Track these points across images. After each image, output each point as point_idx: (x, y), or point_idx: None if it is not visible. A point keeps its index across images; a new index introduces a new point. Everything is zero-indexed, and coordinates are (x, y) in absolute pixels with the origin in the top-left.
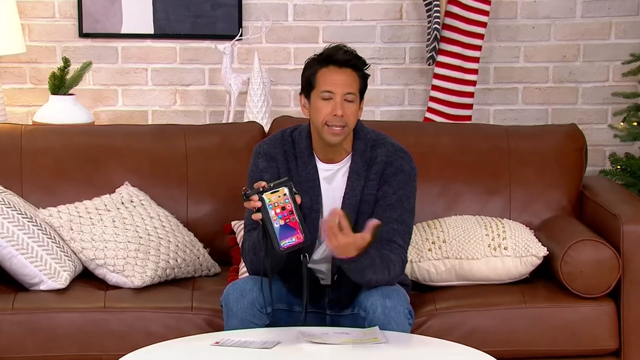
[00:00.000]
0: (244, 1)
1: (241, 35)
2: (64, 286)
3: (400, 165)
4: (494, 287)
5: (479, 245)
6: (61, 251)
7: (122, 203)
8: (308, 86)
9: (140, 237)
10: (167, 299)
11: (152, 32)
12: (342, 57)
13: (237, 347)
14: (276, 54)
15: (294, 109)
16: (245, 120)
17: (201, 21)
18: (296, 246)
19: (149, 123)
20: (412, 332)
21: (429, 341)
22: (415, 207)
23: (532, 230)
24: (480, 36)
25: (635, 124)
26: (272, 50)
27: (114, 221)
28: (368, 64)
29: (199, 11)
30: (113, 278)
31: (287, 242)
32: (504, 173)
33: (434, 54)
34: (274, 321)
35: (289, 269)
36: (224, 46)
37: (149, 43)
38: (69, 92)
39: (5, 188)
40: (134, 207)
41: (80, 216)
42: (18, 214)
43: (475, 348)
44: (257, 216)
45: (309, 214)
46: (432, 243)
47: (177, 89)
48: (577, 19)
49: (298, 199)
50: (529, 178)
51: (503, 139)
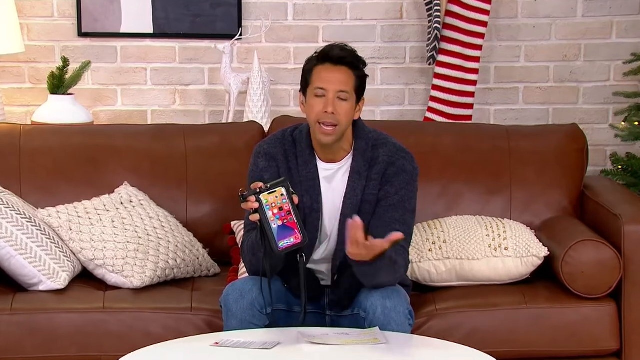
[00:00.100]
0: (243, 0)
1: (241, 35)
2: (63, 287)
3: (402, 165)
4: (495, 287)
5: (479, 246)
6: (60, 251)
7: (122, 203)
8: (305, 83)
9: (140, 238)
10: (166, 299)
11: (151, 31)
12: (338, 55)
13: (237, 347)
14: (276, 53)
15: (293, 108)
16: (245, 120)
17: (201, 20)
18: (294, 246)
19: (149, 123)
20: (413, 332)
21: (429, 342)
22: (416, 207)
23: (533, 231)
24: (481, 35)
25: (636, 123)
26: (272, 49)
27: (113, 221)
28: (366, 63)
29: (198, 10)
30: (112, 278)
31: (285, 243)
32: (504, 173)
33: (435, 54)
34: (274, 322)
35: (288, 269)
36: (223, 46)
37: (148, 42)
38: (68, 92)
39: (4, 188)
40: (133, 207)
41: (79, 216)
42: (17, 214)
43: (475, 349)
44: (254, 217)
45: (309, 214)
46: (432, 243)
47: (176, 88)
48: (578, 19)
49: (295, 199)
50: (530, 178)
51: (504, 139)
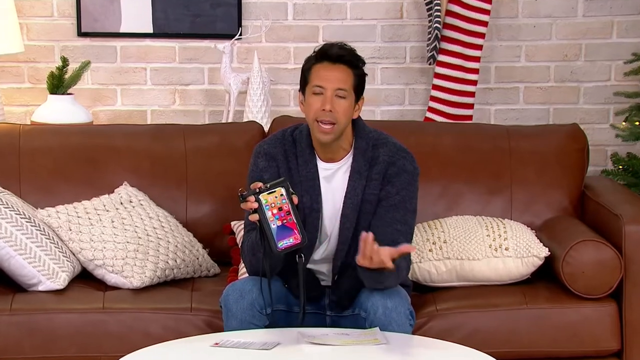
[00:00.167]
0: (243, 0)
1: (241, 35)
2: (62, 287)
3: (403, 165)
4: (495, 287)
5: (480, 246)
6: (60, 252)
7: (121, 203)
8: (304, 82)
9: (139, 238)
10: (166, 299)
11: (151, 31)
12: (336, 53)
13: (237, 348)
14: (276, 53)
15: (293, 108)
16: (245, 120)
17: (200, 20)
18: (294, 247)
19: (148, 123)
20: (413, 333)
21: (429, 342)
22: (417, 207)
23: (534, 231)
24: (482, 35)
25: (637, 123)
26: (271, 49)
27: (112, 221)
28: (365, 62)
29: (198, 10)
30: (112, 279)
31: (284, 243)
32: (505, 173)
33: (435, 53)
34: (274, 322)
35: (288, 269)
36: (223, 45)
37: (148, 42)
38: (68, 92)
39: (4, 188)
40: (133, 207)
41: (78, 216)
42: (16, 214)
43: (476, 349)
44: (254, 217)
45: (308, 214)
46: (432, 244)
47: (176, 88)
48: (579, 18)
49: (295, 199)
50: (530, 178)
51: (504, 139)
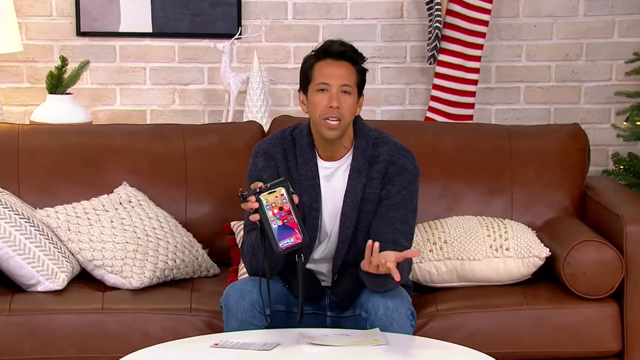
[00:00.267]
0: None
1: (240, 34)
2: (61, 287)
3: (403, 164)
4: (496, 288)
5: (480, 246)
6: (59, 252)
7: (121, 203)
8: (305, 81)
9: (139, 238)
10: (165, 300)
11: (150, 30)
12: (338, 49)
13: (237, 348)
14: (276, 52)
15: (293, 108)
16: (245, 119)
17: (200, 20)
18: (295, 246)
19: (148, 122)
20: (414, 333)
21: (430, 343)
22: (417, 207)
23: (534, 231)
24: (482, 35)
25: (638, 123)
26: (271, 49)
27: (112, 222)
28: (365, 57)
29: (197, 10)
30: (111, 279)
31: (285, 243)
32: (505, 173)
33: (435, 53)
34: (274, 323)
35: (289, 270)
36: (223, 45)
37: (147, 42)
38: (67, 92)
39: (2, 188)
40: (132, 207)
41: (78, 217)
42: (15, 214)
43: (477, 350)
44: (254, 217)
45: (308, 213)
46: (433, 244)
47: (175, 88)
48: (580, 18)
49: (295, 198)
50: (531, 178)
51: (505, 139)
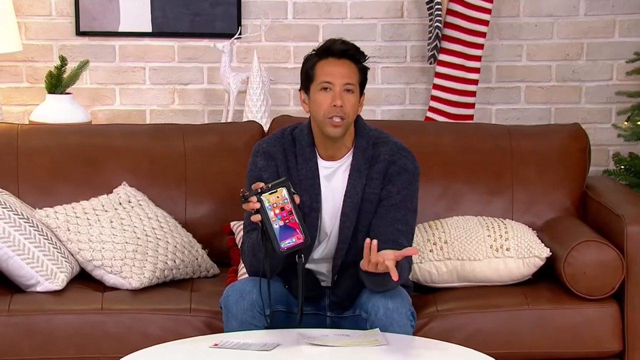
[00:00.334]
0: None
1: (240, 34)
2: (60, 287)
3: (404, 164)
4: (496, 288)
5: (480, 247)
6: (58, 252)
7: (120, 203)
8: (307, 80)
9: (138, 238)
10: (165, 300)
11: (150, 30)
12: (340, 48)
13: (236, 349)
14: (276, 52)
15: (293, 108)
16: (245, 119)
17: (200, 19)
18: (296, 247)
19: (147, 122)
20: (414, 334)
21: (430, 343)
22: (417, 207)
23: (535, 231)
24: (483, 34)
25: (639, 123)
26: (271, 48)
27: (111, 222)
28: (367, 56)
29: (197, 9)
30: (110, 279)
31: (287, 243)
32: (506, 173)
33: (436, 53)
34: (274, 323)
35: (289, 270)
36: (222, 45)
37: (146, 41)
38: (66, 91)
39: (2, 188)
40: (132, 207)
41: (77, 217)
42: (14, 214)
43: (477, 350)
44: (256, 218)
45: (308, 213)
46: (433, 244)
47: (175, 88)
48: (581, 17)
49: (297, 199)
50: (532, 178)
51: (505, 139)
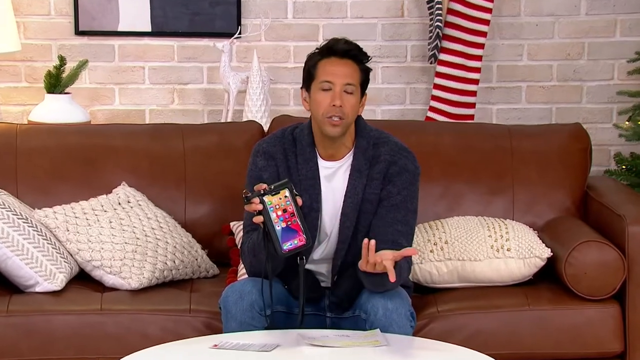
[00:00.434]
0: None
1: (240, 33)
2: (59, 288)
3: (404, 165)
4: (497, 289)
5: (481, 247)
6: (57, 252)
7: (119, 203)
8: (309, 78)
9: (138, 238)
10: (164, 301)
11: (149, 29)
12: (343, 48)
13: (236, 350)
14: (275, 52)
15: (293, 107)
16: (244, 119)
17: (199, 19)
18: (298, 249)
19: (146, 122)
20: (414, 334)
21: (430, 344)
22: (418, 207)
23: (536, 232)
24: (483, 34)
25: None
26: (271, 48)
27: (110, 222)
28: (370, 57)
29: (197, 9)
30: (110, 280)
31: (289, 245)
32: (507, 173)
33: (436, 52)
34: (274, 324)
35: (288, 271)
36: (222, 44)
37: (146, 41)
38: (65, 91)
39: (0, 188)
40: (131, 207)
41: (76, 217)
42: (13, 214)
43: (478, 351)
44: (258, 219)
45: (308, 213)
46: (433, 244)
47: (174, 87)
48: (582, 17)
49: (299, 200)
50: (533, 178)
51: (506, 139)
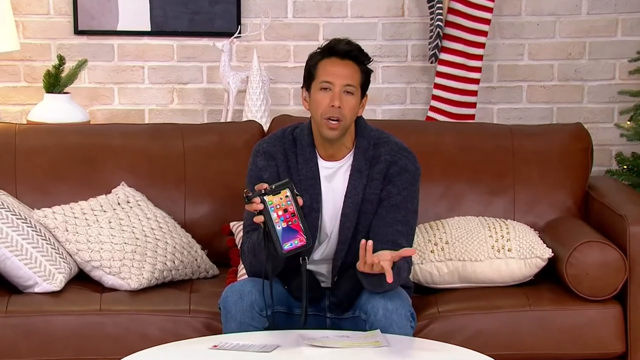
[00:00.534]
0: None
1: (240, 33)
2: (58, 288)
3: (404, 165)
4: (498, 289)
5: (482, 247)
6: (56, 253)
7: (119, 204)
8: (309, 78)
9: (137, 239)
10: (164, 301)
11: (149, 29)
12: (344, 48)
13: (236, 350)
14: (275, 51)
15: (293, 107)
16: (244, 119)
17: (199, 18)
18: (299, 249)
19: (146, 122)
20: (414, 335)
21: (431, 345)
22: (418, 208)
23: (537, 232)
24: (484, 33)
25: None
26: (271, 47)
27: (110, 222)
28: (371, 58)
29: (196, 8)
30: (109, 280)
31: (289, 245)
32: (507, 173)
33: (437, 52)
34: (274, 324)
35: (289, 271)
36: (222, 44)
37: (145, 40)
38: (64, 91)
39: None
40: (131, 207)
41: (75, 217)
42: (12, 214)
43: (478, 352)
44: (259, 219)
45: (308, 213)
46: (434, 244)
47: (174, 87)
48: (583, 16)
49: (300, 200)
50: (534, 178)
51: (507, 139)
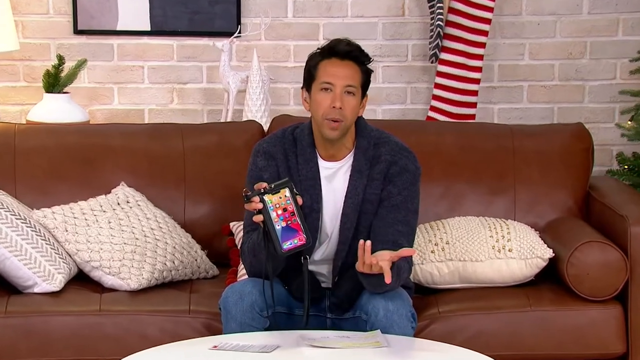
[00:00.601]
0: None
1: (240, 32)
2: (58, 289)
3: (405, 165)
4: (499, 289)
5: (483, 247)
6: (56, 253)
7: (118, 204)
8: (309, 78)
9: (137, 239)
10: (164, 302)
11: (148, 29)
12: (344, 49)
13: (236, 351)
14: (275, 51)
15: (293, 107)
16: (244, 119)
17: (199, 18)
18: (298, 248)
19: (146, 122)
20: (415, 335)
21: (431, 345)
22: (419, 208)
23: (538, 232)
24: (485, 33)
25: None
26: (271, 47)
27: (109, 222)
28: (371, 58)
29: (196, 7)
30: (109, 280)
31: (289, 244)
32: (508, 173)
33: (437, 52)
34: (274, 325)
35: (289, 271)
36: (222, 43)
37: (145, 40)
38: (64, 91)
39: None
40: (130, 207)
41: (75, 217)
42: (11, 215)
43: (479, 352)
44: (258, 218)
45: (308, 214)
46: (435, 245)
47: (174, 87)
48: (584, 16)
49: (299, 199)
50: (534, 178)
51: (507, 139)
